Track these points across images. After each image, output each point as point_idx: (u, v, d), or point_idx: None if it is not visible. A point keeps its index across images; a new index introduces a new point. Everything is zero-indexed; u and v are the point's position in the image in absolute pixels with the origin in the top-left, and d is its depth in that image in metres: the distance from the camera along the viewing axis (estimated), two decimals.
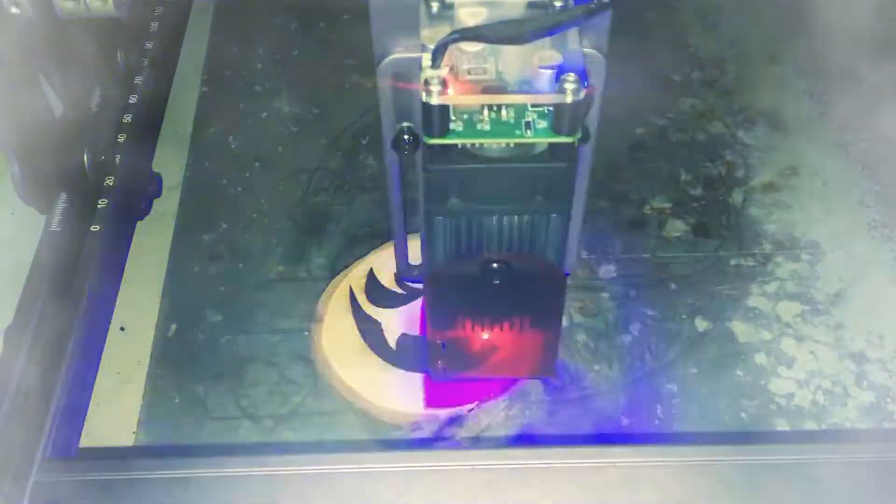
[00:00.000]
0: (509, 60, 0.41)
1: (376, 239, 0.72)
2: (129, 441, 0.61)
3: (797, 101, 0.83)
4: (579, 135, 0.41)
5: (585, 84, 0.40)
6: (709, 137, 0.80)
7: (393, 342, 0.66)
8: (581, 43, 0.42)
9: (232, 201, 0.76)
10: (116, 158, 0.73)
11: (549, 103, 0.41)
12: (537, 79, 0.40)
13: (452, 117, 0.41)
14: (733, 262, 0.71)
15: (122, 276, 0.70)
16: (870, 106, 0.80)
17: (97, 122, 0.72)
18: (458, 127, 0.42)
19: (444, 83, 0.40)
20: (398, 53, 0.45)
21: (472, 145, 0.43)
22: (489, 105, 0.41)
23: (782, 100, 0.83)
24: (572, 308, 0.67)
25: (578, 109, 0.40)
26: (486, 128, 0.42)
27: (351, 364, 0.64)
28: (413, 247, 0.57)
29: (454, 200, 0.45)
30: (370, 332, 0.66)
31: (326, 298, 0.68)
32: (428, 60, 0.40)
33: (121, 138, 0.74)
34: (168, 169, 0.78)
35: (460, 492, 0.51)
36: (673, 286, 0.69)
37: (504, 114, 0.42)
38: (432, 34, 0.41)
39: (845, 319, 0.67)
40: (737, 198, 0.75)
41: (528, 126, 0.41)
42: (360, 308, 0.68)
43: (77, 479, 0.53)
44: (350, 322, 0.67)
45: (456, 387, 0.62)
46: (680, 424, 0.61)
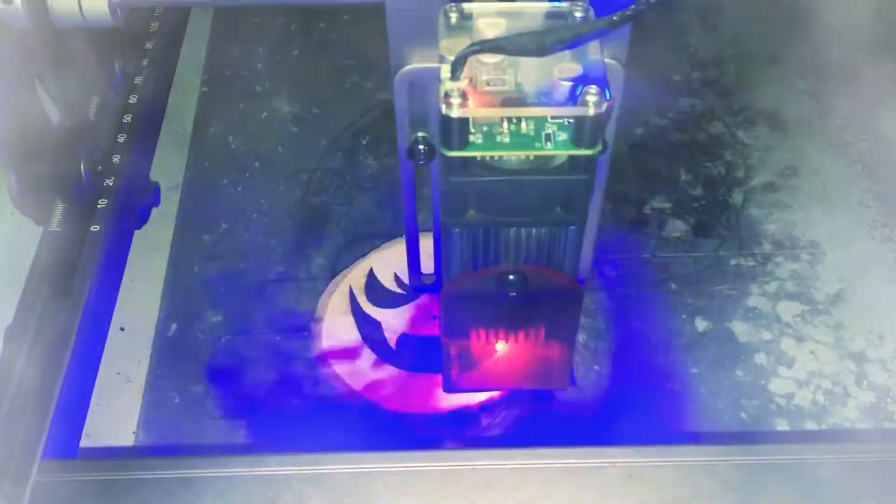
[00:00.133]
0: (529, 72, 0.41)
1: (376, 239, 0.72)
2: (129, 441, 0.61)
3: (797, 101, 0.83)
4: (600, 147, 0.41)
5: (607, 96, 0.39)
6: (709, 137, 0.80)
7: (393, 342, 0.66)
8: (601, 54, 0.42)
9: (232, 201, 0.76)
10: (116, 159, 0.72)
11: (570, 115, 0.40)
12: (557, 91, 0.40)
13: (472, 129, 0.41)
14: (733, 262, 0.71)
15: (122, 276, 0.70)
16: (870, 106, 0.80)
17: (94, 130, 0.72)
18: (477, 139, 0.41)
19: (464, 95, 0.39)
20: (415, 64, 0.45)
21: (492, 157, 0.42)
22: (509, 117, 0.41)
23: (782, 100, 0.83)
24: None
25: (600, 122, 0.39)
26: (506, 140, 0.41)
27: (351, 363, 0.64)
28: (423, 255, 0.57)
29: (472, 212, 0.44)
30: (370, 332, 0.66)
31: (326, 298, 0.68)
32: (447, 72, 0.40)
33: (121, 138, 0.74)
34: (168, 169, 0.78)
35: (460, 492, 0.51)
36: (673, 286, 0.69)
37: (524, 126, 0.41)
38: (451, 45, 0.41)
39: (845, 319, 0.67)
40: (737, 198, 0.75)
41: (548, 138, 0.41)
42: (360, 308, 0.68)
43: (77, 479, 0.53)
44: (350, 322, 0.67)
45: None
46: (680, 424, 0.61)
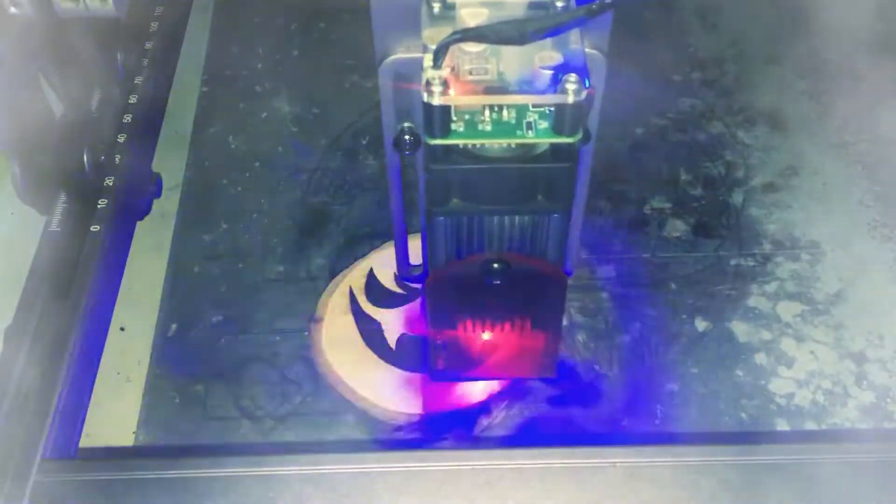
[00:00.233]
0: (511, 61, 0.41)
1: (376, 239, 0.72)
2: (129, 441, 0.61)
3: (797, 101, 0.83)
4: (580, 135, 0.41)
5: (587, 84, 0.40)
6: (709, 137, 0.80)
7: (393, 342, 0.66)
8: (582, 43, 0.42)
9: (232, 201, 0.76)
10: (116, 158, 0.73)
11: (550, 104, 0.41)
12: (538, 79, 0.40)
13: (454, 118, 0.41)
14: (733, 262, 0.71)
15: (122, 276, 0.70)
16: (870, 106, 0.80)
17: (97, 122, 0.72)
18: (459, 127, 0.42)
19: (445, 84, 0.40)
20: (399, 54, 0.45)
21: (474, 145, 0.43)
22: (490, 105, 0.41)
23: (782, 100, 0.83)
24: (572, 308, 0.67)
25: (580, 110, 0.40)
26: (488, 128, 0.42)
27: (351, 364, 0.64)
28: (413, 247, 0.57)
29: (455, 201, 0.45)
30: (370, 332, 0.66)
31: (326, 298, 0.68)
32: (429, 61, 0.40)
33: (121, 138, 0.74)
34: (168, 169, 0.78)
35: (460, 492, 0.51)
36: (673, 286, 0.69)
37: (505, 114, 0.42)
38: (434, 34, 0.41)
39: (845, 319, 0.67)
40: (737, 198, 0.75)
41: (530, 126, 0.41)
42: (360, 308, 0.68)
43: (77, 479, 0.53)
44: (350, 322, 0.67)
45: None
46: (680, 424, 0.61)
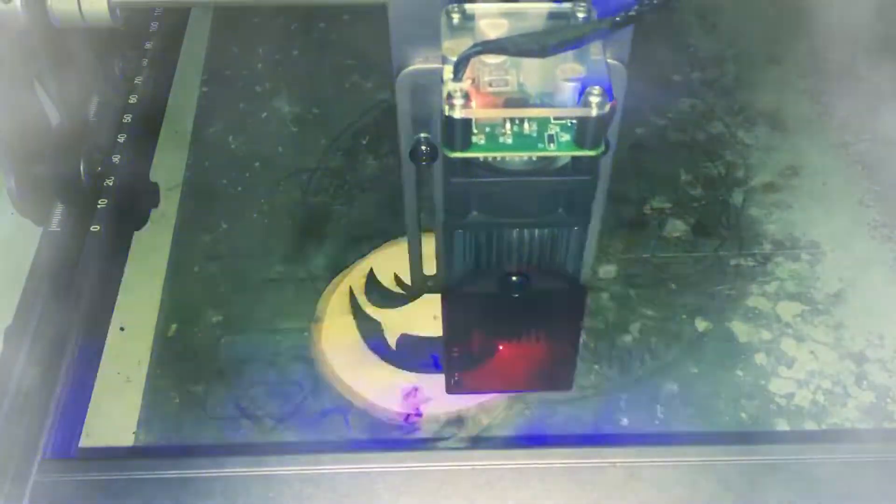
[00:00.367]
0: (531, 73, 0.41)
1: (376, 239, 0.72)
2: (129, 441, 0.61)
3: (797, 101, 0.83)
4: (602, 148, 0.40)
5: (611, 97, 0.39)
6: (709, 137, 0.80)
7: (393, 342, 0.65)
8: (604, 54, 0.42)
9: (232, 201, 0.76)
10: (116, 159, 0.72)
11: (573, 116, 0.40)
12: (560, 92, 0.40)
13: (475, 130, 0.40)
14: (733, 262, 0.71)
15: (122, 276, 0.70)
16: (870, 106, 0.80)
17: (94, 130, 0.71)
18: (480, 140, 0.40)
19: (467, 96, 0.39)
20: (417, 64, 0.45)
21: (494, 158, 0.42)
22: (512, 118, 0.41)
23: (782, 100, 0.83)
24: None
25: (603, 123, 0.39)
26: (509, 141, 0.41)
27: (351, 364, 0.64)
28: (426, 257, 0.56)
29: (474, 213, 0.44)
30: (370, 332, 0.66)
31: (326, 298, 0.68)
32: (450, 73, 0.40)
33: (120, 138, 0.74)
34: (168, 169, 0.78)
35: (460, 492, 0.51)
36: (673, 286, 0.69)
37: (527, 127, 0.41)
38: (454, 46, 0.41)
39: (845, 319, 0.67)
40: (737, 198, 0.75)
41: (551, 139, 0.40)
42: (360, 308, 0.68)
43: (77, 479, 0.53)
44: (350, 322, 0.67)
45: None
46: (680, 424, 0.61)
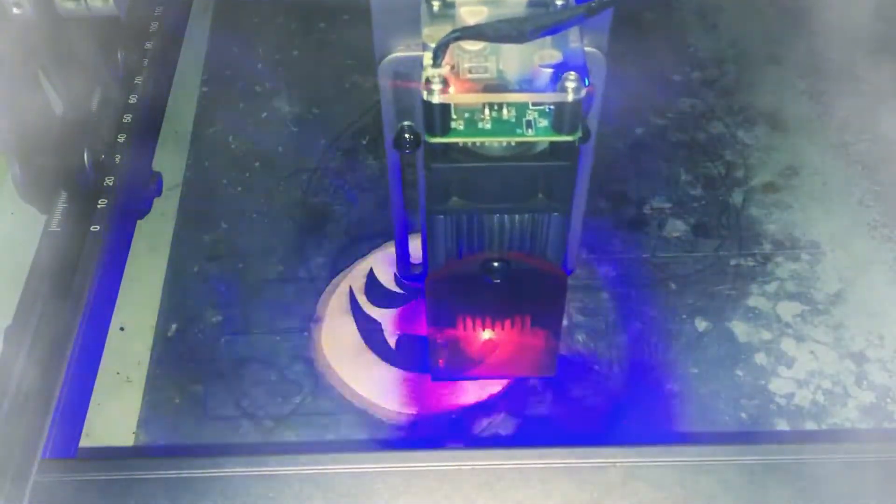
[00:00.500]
0: (510, 59, 0.41)
1: (376, 239, 0.72)
2: (129, 441, 0.61)
3: (797, 101, 0.83)
4: (580, 133, 0.41)
5: (586, 83, 0.40)
6: (709, 137, 0.80)
7: (393, 342, 0.66)
8: (582, 42, 0.42)
9: (232, 201, 0.76)
10: (116, 158, 0.73)
11: (549, 102, 0.41)
12: (538, 77, 0.41)
13: (454, 116, 0.41)
14: (733, 262, 0.71)
15: (122, 276, 0.70)
16: (870, 106, 0.80)
17: (97, 121, 0.72)
18: (459, 125, 0.42)
19: (445, 82, 0.40)
20: (399, 52, 0.46)
21: (473, 144, 0.43)
22: (490, 104, 0.41)
23: (782, 100, 0.83)
24: (572, 308, 0.67)
25: (579, 108, 0.40)
26: (488, 126, 0.42)
27: (351, 364, 0.64)
28: (413, 247, 0.57)
29: (455, 199, 0.45)
30: (370, 332, 0.66)
31: (326, 298, 0.68)
32: (429, 59, 0.41)
33: (121, 138, 0.74)
34: (168, 169, 0.78)
35: (460, 492, 0.51)
36: (673, 286, 0.69)
37: (505, 112, 0.42)
38: (433, 33, 0.41)
39: (845, 319, 0.67)
40: (737, 198, 0.75)
41: (529, 125, 0.41)
42: (360, 308, 0.68)
43: (77, 479, 0.53)
44: (350, 322, 0.67)
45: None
46: (680, 424, 0.61)
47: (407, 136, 0.48)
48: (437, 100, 0.40)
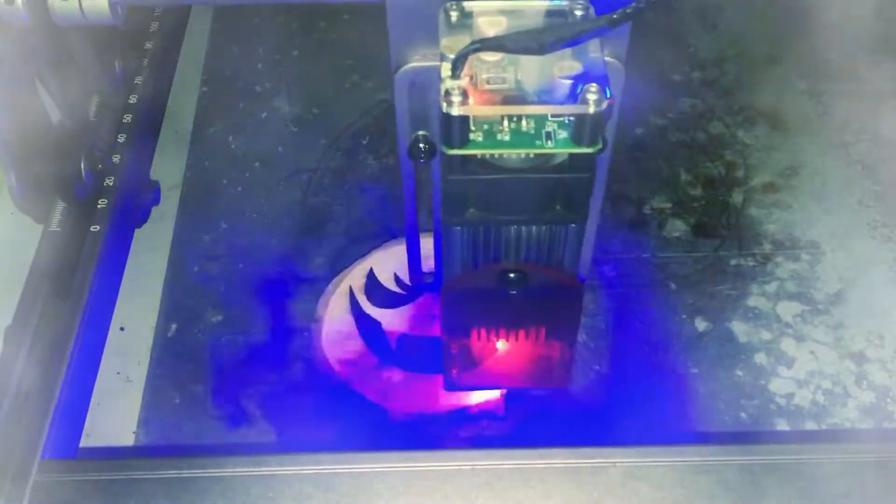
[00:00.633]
0: (529, 70, 0.41)
1: (376, 239, 0.72)
2: (129, 441, 0.61)
3: (797, 101, 0.83)
4: (600, 145, 0.41)
5: (608, 94, 0.39)
6: (709, 137, 0.80)
7: (393, 342, 0.66)
8: (602, 52, 0.42)
9: (232, 201, 0.76)
10: (116, 159, 0.72)
11: (570, 114, 0.40)
12: (557, 89, 0.40)
13: (472, 128, 0.41)
14: (733, 262, 0.71)
15: (122, 276, 0.70)
16: (870, 106, 0.80)
17: (95, 128, 0.72)
18: (478, 137, 0.41)
19: (464, 93, 0.39)
20: (415, 62, 0.45)
21: (492, 155, 0.42)
22: (509, 115, 0.41)
23: (782, 100, 0.83)
24: None
25: (600, 120, 0.39)
26: (506, 138, 0.41)
27: (351, 364, 0.64)
28: (424, 254, 0.57)
29: (472, 211, 0.44)
30: (370, 332, 0.66)
31: (326, 298, 0.68)
32: (448, 70, 0.40)
33: (121, 138, 0.74)
34: (168, 169, 0.78)
35: (460, 492, 0.51)
36: (673, 286, 0.69)
37: (524, 124, 0.41)
38: (452, 43, 0.41)
39: (845, 319, 0.67)
40: (737, 198, 0.75)
41: (549, 136, 0.41)
42: (360, 308, 0.68)
43: (77, 479, 0.53)
44: (350, 322, 0.67)
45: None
46: (680, 424, 0.61)
47: (422, 145, 0.47)
48: (457, 112, 0.39)
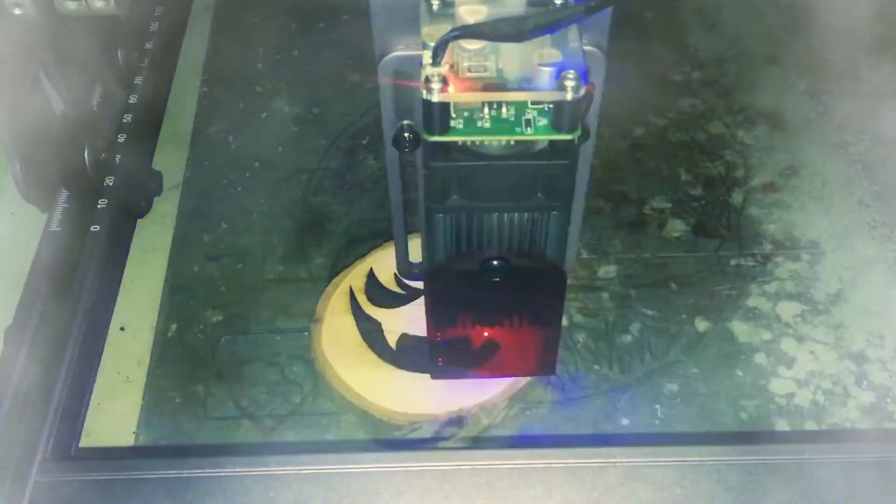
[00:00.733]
0: (509, 58, 0.42)
1: (376, 239, 0.72)
2: (129, 441, 0.61)
3: (797, 101, 0.83)
4: (579, 132, 0.41)
5: (585, 81, 0.40)
6: (709, 137, 0.80)
7: (393, 342, 0.65)
8: (581, 40, 0.43)
9: (232, 201, 0.76)
10: (117, 158, 0.73)
11: (549, 100, 0.41)
12: (537, 76, 0.41)
13: (453, 115, 0.42)
14: (733, 262, 0.71)
15: (122, 276, 0.70)
16: (870, 106, 0.80)
17: (98, 119, 0.72)
18: (458, 124, 0.42)
19: (444, 81, 0.40)
20: (399, 51, 0.46)
21: (473, 143, 0.43)
22: (489, 102, 0.42)
23: (782, 100, 0.83)
24: (572, 308, 0.67)
25: (578, 106, 0.40)
26: (487, 125, 0.42)
27: (351, 364, 0.64)
28: (413, 245, 0.57)
29: (454, 198, 0.45)
30: (370, 332, 0.66)
31: (326, 298, 0.68)
32: (429, 58, 0.41)
33: (121, 138, 0.74)
34: (168, 169, 0.78)
35: (460, 492, 0.51)
36: (673, 286, 0.69)
37: (504, 111, 0.42)
38: (433, 32, 0.41)
39: (845, 319, 0.67)
40: (737, 198, 0.75)
41: (529, 123, 0.41)
42: (360, 308, 0.68)
43: (77, 479, 0.53)
44: (350, 322, 0.67)
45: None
46: (680, 424, 0.61)
47: (406, 135, 0.48)
48: (437, 98, 0.40)
